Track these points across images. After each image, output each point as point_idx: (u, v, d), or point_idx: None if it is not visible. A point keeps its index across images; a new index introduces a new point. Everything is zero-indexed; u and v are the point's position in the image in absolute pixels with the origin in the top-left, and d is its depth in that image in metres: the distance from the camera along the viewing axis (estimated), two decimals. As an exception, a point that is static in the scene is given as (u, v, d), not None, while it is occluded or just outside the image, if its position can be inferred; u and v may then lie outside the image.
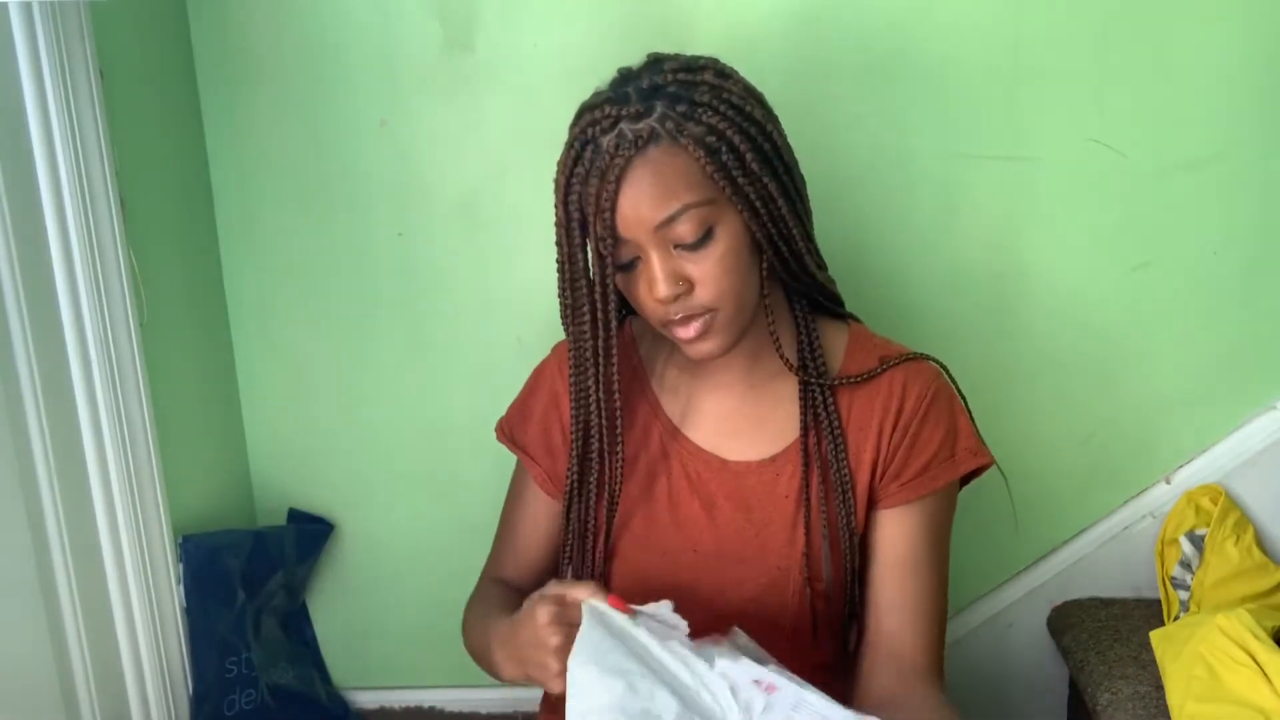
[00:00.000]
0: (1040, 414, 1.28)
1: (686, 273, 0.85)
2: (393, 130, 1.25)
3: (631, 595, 0.96)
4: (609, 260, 0.87)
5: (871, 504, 0.95)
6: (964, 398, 0.98)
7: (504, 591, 1.03)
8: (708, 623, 0.95)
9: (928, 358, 0.97)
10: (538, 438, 1.02)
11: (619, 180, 0.83)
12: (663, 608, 0.89)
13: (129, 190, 1.10)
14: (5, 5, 0.93)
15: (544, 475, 1.02)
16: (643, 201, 0.83)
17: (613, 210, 0.84)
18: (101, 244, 1.03)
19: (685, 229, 0.84)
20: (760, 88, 0.91)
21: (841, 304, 1.01)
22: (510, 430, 1.05)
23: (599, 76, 0.90)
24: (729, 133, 0.84)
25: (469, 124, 1.24)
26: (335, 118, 1.25)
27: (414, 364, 1.33)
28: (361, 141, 1.25)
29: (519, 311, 1.29)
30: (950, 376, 0.98)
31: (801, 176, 0.92)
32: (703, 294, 0.86)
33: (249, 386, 1.36)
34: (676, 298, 0.86)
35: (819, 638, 0.94)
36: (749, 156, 0.84)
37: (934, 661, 0.95)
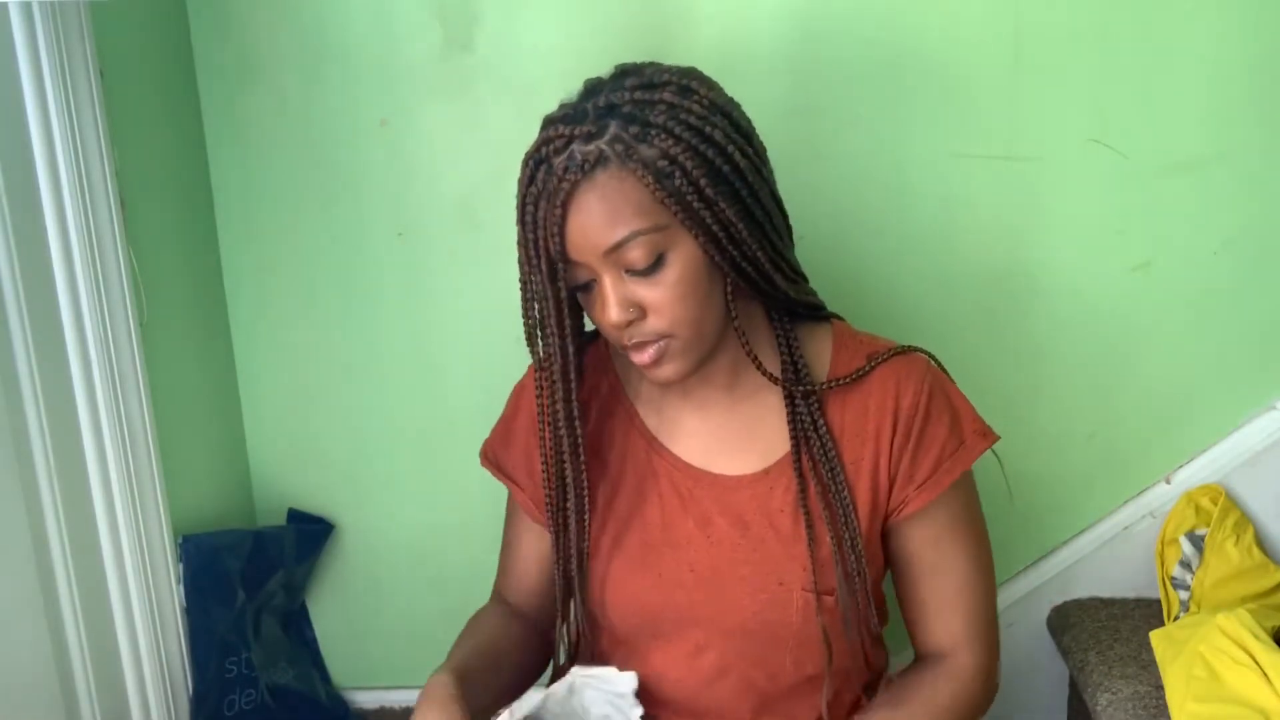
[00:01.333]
0: (1040, 414, 1.28)
1: (639, 298, 0.84)
2: (393, 130, 1.25)
3: (627, 619, 0.95)
4: (563, 281, 0.86)
5: (883, 512, 0.94)
6: (952, 379, 0.98)
7: (493, 618, 1.02)
8: (706, 640, 0.95)
9: (914, 349, 0.96)
10: (521, 462, 1.00)
11: (565, 205, 0.81)
12: (623, 682, 0.93)
13: (129, 190, 1.10)
14: (5, 5, 0.93)
15: (529, 501, 1.00)
16: (590, 227, 0.81)
17: (561, 234, 0.82)
18: (101, 244, 1.03)
19: (635, 255, 0.82)
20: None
21: (821, 308, 0.99)
22: (494, 455, 1.03)
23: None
24: (681, 156, 0.80)
25: (469, 124, 1.24)
26: (335, 117, 1.25)
27: (414, 364, 1.33)
28: (361, 141, 1.25)
29: (519, 311, 1.28)
30: (938, 363, 0.97)
31: (772, 192, 0.89)
32: (655, 321, 0.84)
33: (249, 386, 1.36)
34: (629, 323, 0.84)
35: (831, 648, 0.93)
36: (703, 181, 0.81)
37: (987, 646, 0.97)
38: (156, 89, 1.20)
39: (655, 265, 0.82)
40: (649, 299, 0.83)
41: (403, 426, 1.35)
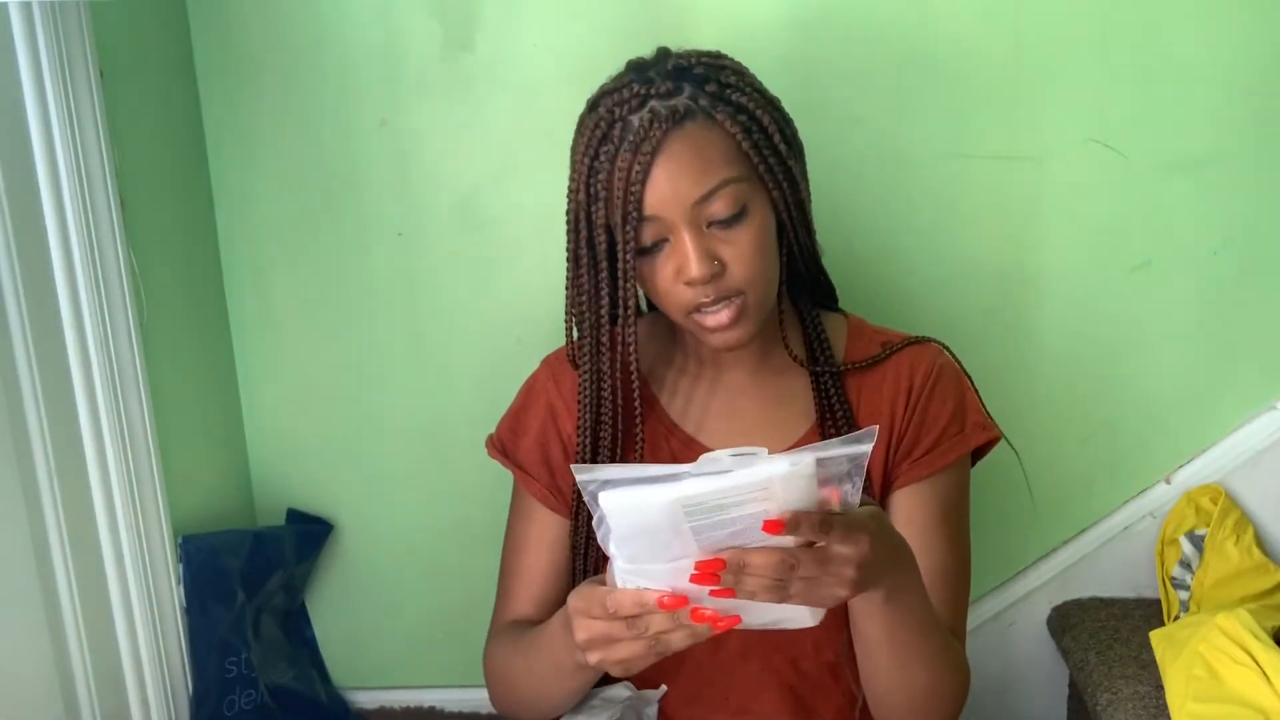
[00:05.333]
0: (1040, 414, 1.28)
1: (718, 252, 0.84)
2: (393, 130, 1.25)
3: None
4: (632, 242, 0.84)
5: (888, 486, 0.95)
6: (969, 375, 0.99)
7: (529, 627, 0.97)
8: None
9: (930, 339, 0.98)
10: (534, 452, 1.00)
11: (654, 154, 0.81)
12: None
13: (129, 190, 1.10)
14: (5, 5, 0.93)
15: (544, 490, 0.99)
16: (681, 177, 0.82)
17: (644, 185, 0.82)
18: (101, 244, 1.03)
19: (721, 205, 0.83)
20: (768, 94, 0.92)
21: (836, 299, 1.02)
22: (503, 445, 1.02)
23: (599, 76, 0.90)
24: (758, 112, 0.84)
25: (469, 124, 1.24)
26: (335, 118, 1.25)
27: (414, 364, 1.32)
28: (361, 141, 1.25)
29: (519, 311, 1.29)
30: (953, 355, 0.99)
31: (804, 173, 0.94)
32: (737, 272, 0.84)
33: (249, 386, 1.35)
34: (710, 278, 0.84)
35: (848, 630, 0.92)
36: (776, 137, 0.85)
37: (962, 644, 0.95)
38: (156, 89, 1.20)
39: (738, 216, 0.84)
40: (729, 252, 0.84)
41: (403, 426, 1.35)
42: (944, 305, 1.25)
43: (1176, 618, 1.24)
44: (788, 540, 0.65)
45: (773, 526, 0.64)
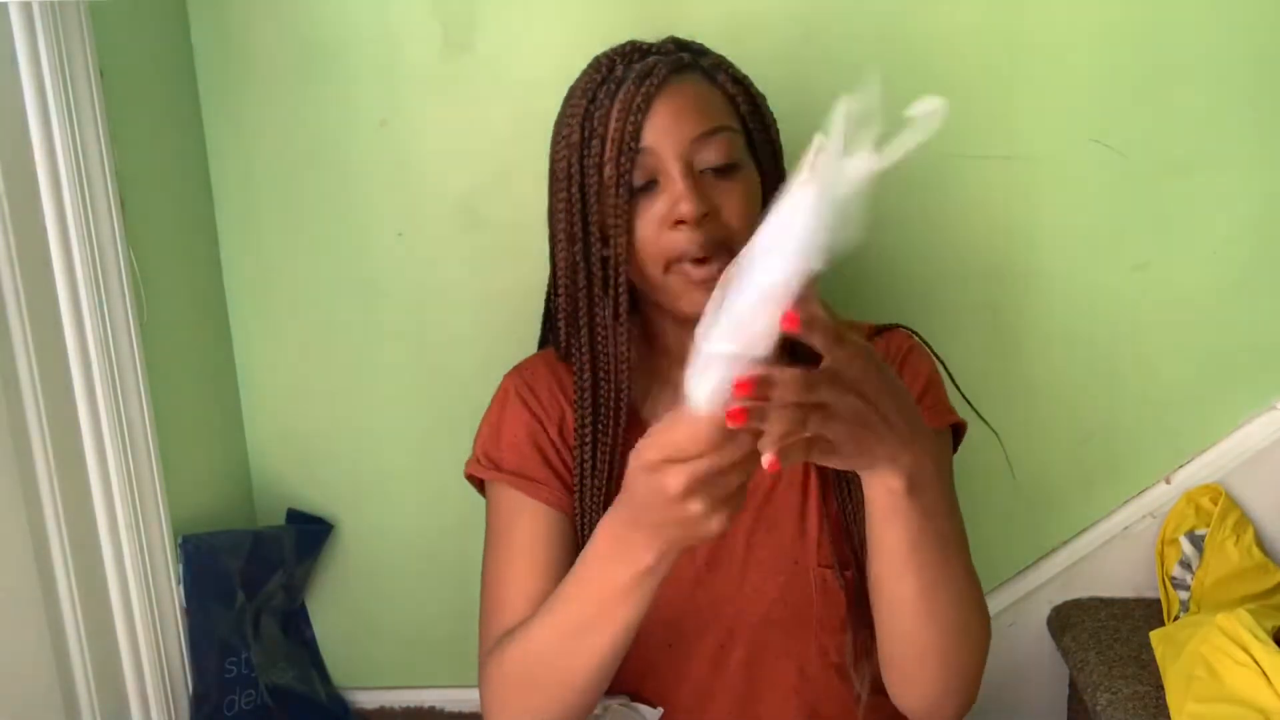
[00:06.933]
0: (1040, 414, 1.28)
1: (711, 197, 0.83)
2: (393, 130, 1.25)
3: (649, 628, 0.80)
4: (627, 176, 0.82)
5: None
6: (942, 362, 0.98)
7: None
8: (728, 639, 0.93)
9: (898, 326, 0.98)
10: (532, 457, 0.93)
11: (658, 88, 0.83)
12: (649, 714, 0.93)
13: (129, 190, 1.10)
14: (5, 5, 0.93)
15: (552, 494, 0.92)
16: (683, 112, 0.83)
17: (644, 115, 0.82)
18: (101, 244, 1.03)
19: (717, 151, 0.83)
20: (758, 88, 0.92)
21: None
22: (492, 461, 0.95)
23: (599, 76, 0.90)
24: (752, 90, 0.89)
25: (469, 124, 1.24)
26: (335, 118, 1.25)
27: (414, 364, 1.33)
28: (361, 141, 1.25)
29: (519, 311, 1.28)
30: (923, 340, 0.98)
31: None
32: (730, 219, 0.83)
33: (249, 386, 1.36)
34: (702, 219, 0.81)
35: (851, 629, 0.91)
36: (768, 118, 0.89)
37: None
38: (156, 89, 1.20)
39: (733, 168, 0.85)
40: (722, 200, 0.83)
41: (403, 426, 1.35)
42: (944, 305, 1.25)
43: (1176, 618, 1.24)
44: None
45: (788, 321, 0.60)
